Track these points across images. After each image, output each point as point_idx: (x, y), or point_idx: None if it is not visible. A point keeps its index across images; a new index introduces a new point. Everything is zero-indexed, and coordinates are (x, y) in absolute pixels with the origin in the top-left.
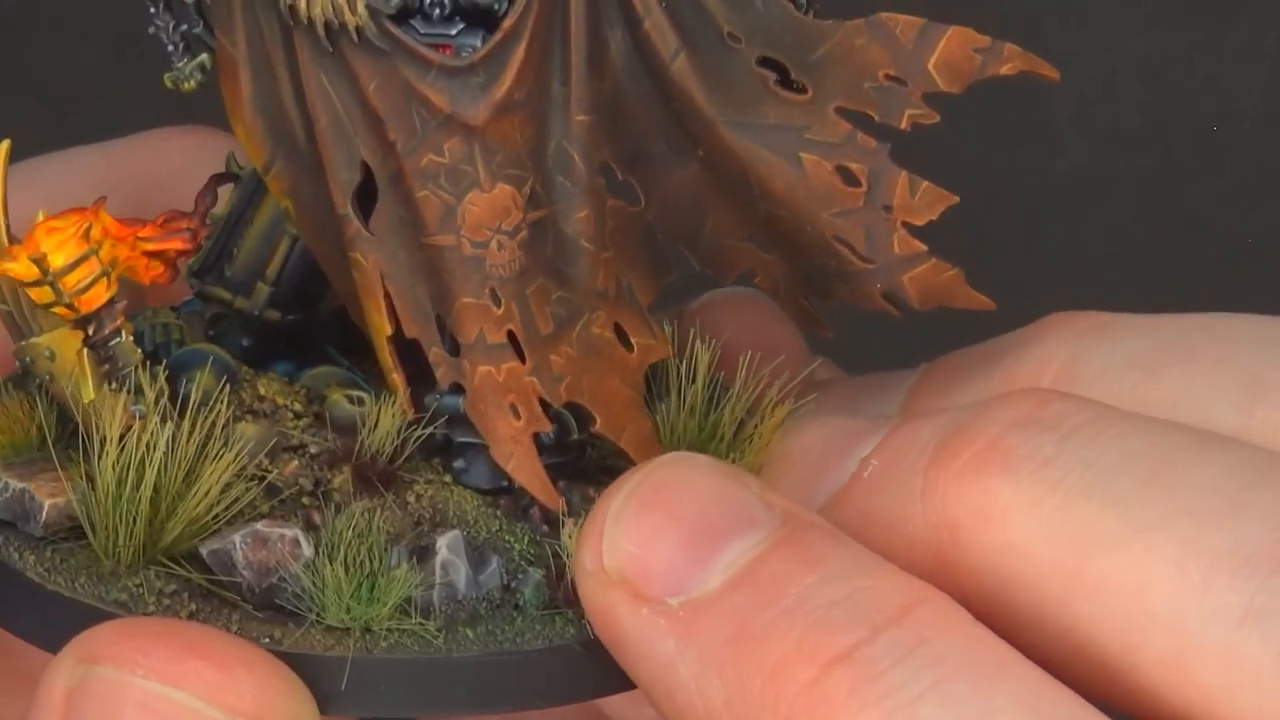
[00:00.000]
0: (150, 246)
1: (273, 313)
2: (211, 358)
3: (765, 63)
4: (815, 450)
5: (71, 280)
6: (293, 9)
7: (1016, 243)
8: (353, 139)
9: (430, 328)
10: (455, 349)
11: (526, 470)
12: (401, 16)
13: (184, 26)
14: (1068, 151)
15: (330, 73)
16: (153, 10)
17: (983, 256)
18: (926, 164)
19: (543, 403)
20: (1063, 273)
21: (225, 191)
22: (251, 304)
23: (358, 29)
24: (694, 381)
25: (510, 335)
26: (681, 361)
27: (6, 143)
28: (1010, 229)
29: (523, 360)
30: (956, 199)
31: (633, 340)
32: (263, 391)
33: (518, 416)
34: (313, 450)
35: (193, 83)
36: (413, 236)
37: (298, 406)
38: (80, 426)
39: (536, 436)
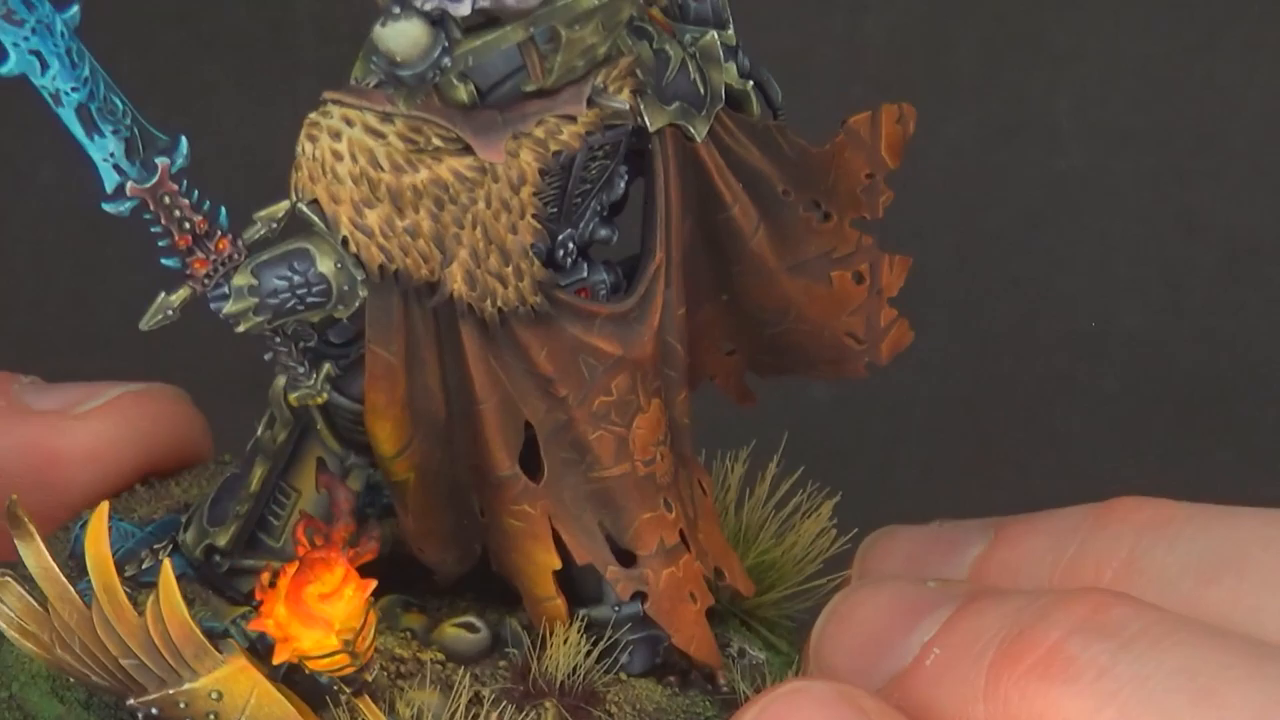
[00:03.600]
0: (356, 564)
1: None
2: None
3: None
4: (879, 621)
5: (360, 641)
6: (470, 307)
7: (1016, 243)
8: (518, 406)
9: (603, 549)
10: (623, 560)
11: (706, 649)
12: None
13: (301, 343)
14: (1068, 151)
15: (498, 350)
16: (278, 340)
17: (982, 256)
18: (927, 165)
19: None
20: (1063, 273)
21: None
22: None
23: (533, 307)
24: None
25: (680, 533)
26: None
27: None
28: (1010, 229)
29: (689, 549)
30: (911, 258)
31: (701, 483)
32: (397, 650)
33: (695, 601)
34: (485, 693)
35: (325, 395)
36: (579, 473)
37: (431, 655)
38: None
39: None
